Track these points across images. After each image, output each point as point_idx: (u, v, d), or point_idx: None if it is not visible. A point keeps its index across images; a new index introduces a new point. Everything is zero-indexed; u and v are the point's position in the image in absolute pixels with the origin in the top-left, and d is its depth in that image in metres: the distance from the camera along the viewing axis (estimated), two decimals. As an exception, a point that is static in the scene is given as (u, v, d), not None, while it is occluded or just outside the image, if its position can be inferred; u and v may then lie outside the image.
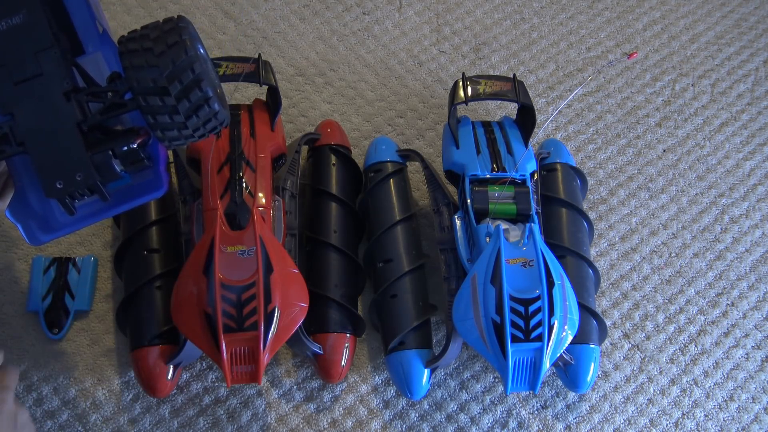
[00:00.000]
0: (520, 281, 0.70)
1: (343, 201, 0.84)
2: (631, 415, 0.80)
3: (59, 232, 0.61)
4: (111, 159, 0.57)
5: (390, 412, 0.79)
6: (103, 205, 0.60)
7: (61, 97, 0.55)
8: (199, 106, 0.54)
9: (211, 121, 0.57)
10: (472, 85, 0.83)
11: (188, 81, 0.53)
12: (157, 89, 0.53)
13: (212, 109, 0.55)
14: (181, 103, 0.54)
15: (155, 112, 0.54)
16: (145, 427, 0.76)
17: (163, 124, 0.55)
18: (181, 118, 0.55)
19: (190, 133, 0.56)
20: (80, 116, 0.55)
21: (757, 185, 0.98)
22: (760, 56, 1.11)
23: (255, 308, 0.67)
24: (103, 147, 0.56)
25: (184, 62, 0.52)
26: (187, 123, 0.55)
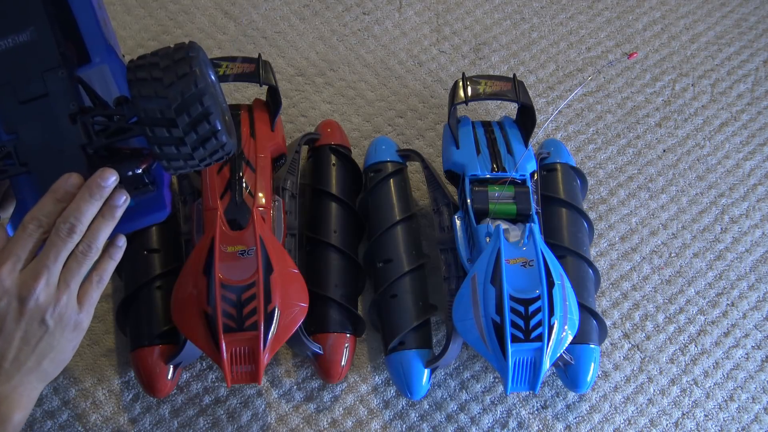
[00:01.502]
0: (520, 281, 0.70)
1: (343, 201, 0.84)
2: (631, 415, 0.80)
3: None
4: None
5: (390, 412, 0.79)
6: None
7: (66, 119, 0.55)
8: (206, 139, 0.54)
9: (218, 153, 0.56)
10: (472, 85, 0.83)
11: (196, 114, 0.52)
12: (165, 121, 0.52)
13: (219, 141, 0.54)
14: (189, 135, 0.53)
15: (162, 143, 0.53)
16: (145, 427, 0.76)
17: (169, 155, 0.54)
18: (187, 150, 0.54)
19: (196, 163, 0.56)
20: (85, 139, 0.55)
21: (757, 185, 0.98)
22: (760, 56, 1.11)
23: (255, 308, 0.67)
24: None
25: (194, 95, 0.51)
26: (194, 154, 0.54)
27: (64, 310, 0.52)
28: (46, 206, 0.52)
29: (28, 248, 0.51)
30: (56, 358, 0.53)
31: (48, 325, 0.51)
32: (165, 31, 1.04)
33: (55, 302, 0.51)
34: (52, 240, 0.51)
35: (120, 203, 0.55)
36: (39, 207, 0.52)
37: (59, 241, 0.51)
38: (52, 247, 0.51)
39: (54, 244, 0.51)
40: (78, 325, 0.53)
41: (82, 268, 0.53)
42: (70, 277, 0.52)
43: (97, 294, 0.55)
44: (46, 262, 0.51)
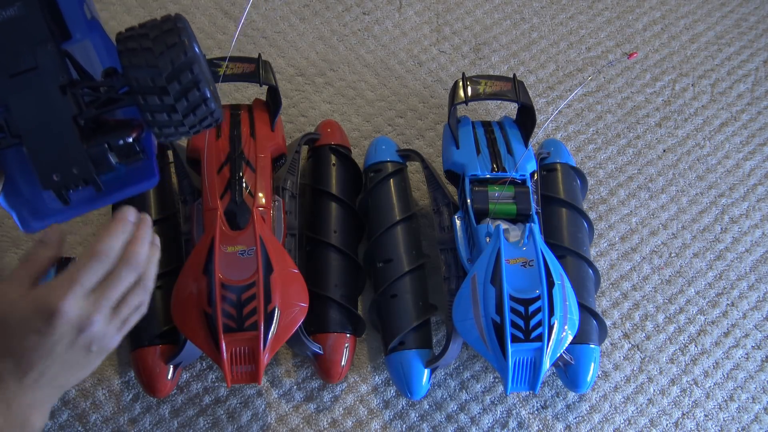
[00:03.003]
0: (520, 281, 0.70)
1: (343, 201, 0.84)
2: (631, 415, 0.80)
3: (51, 219, 0.62)
4: (107, 152, 0.57)
5: (390, 412, 0.79)
6: (96, 194, 0.61)
7: (57, 91, 0.55)
8: (196, 106, 0.55)
9: (207, 119, 0.58)
10: (472, 85, 0.83)
11: (187, 82, 0.54)
12: (156, 89, 0.53)
13: (209, 108, 0.56)
14: (180, 102, 0.54)
15: (153, 110, 0.55)
16: (145, 427, 0.76)
17: (160, 122, 0.56)
18: (178, 117, 0.55)
19: (186, 130, 0.58)
20: (76, 110, 0.56)
21: (757, 185, 0.98)
22: (760, 56, 1.11)
23: (255, 308, 0.67)
24: (100, 140, 0.57)
25: (184, 63, 0.53)
26: (184, 121, 0.56)
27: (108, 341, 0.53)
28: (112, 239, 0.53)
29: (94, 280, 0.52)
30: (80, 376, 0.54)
31: (91, 352, 0.53)
32: (165, 31, 1.04)
33: (104, 335, 0.52)
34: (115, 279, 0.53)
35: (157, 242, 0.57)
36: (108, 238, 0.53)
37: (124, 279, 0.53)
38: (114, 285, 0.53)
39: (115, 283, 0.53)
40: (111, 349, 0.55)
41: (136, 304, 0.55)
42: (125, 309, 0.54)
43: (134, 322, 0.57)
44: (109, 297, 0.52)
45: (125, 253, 0.54)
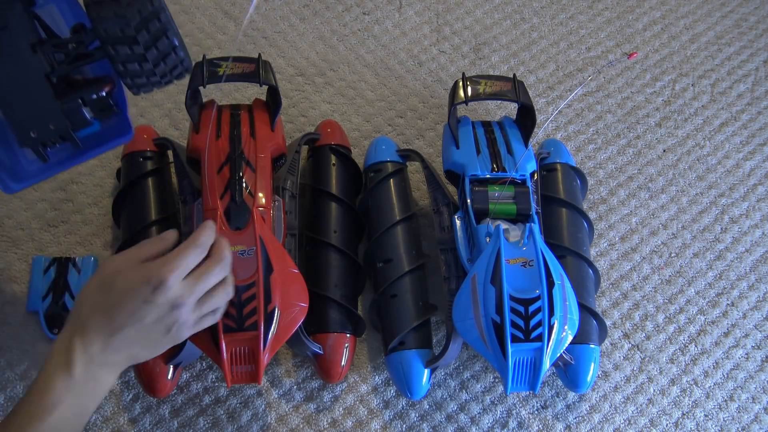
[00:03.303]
0: (520, 281, 0.70)
1: (343, 201, 0.84)
2: (631, 415, 0.80)
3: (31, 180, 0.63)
4: (81, 107, 0.60)
5: (390, 412, 0.79)
6: (73, 152, 0.63)
7: (28, 50, 0.56)
8: (166, 54, 0.57)
9: (177, 68, 0.60)
10: (472, 85, 0.83)
11: (155, 30, 0.55)
12: (126, 39, 0.55)
13: (178, 57, 0.58)
14: (150, 51, 0.56)
15: (125, 60, 0.56)
16: (145, 427, 0.76)
17: (132, 72, 0.58)
18: (149, 66, 0.57)
19: (158, 79, 0.59)
20: (48, 67, 0.57)
21: (757, 185, 0.98)
22: (760, 56, 1.11)
23: (255, 308, 0.67)
24: (74, 96, 0.59)
25: (151, 13, 0.54)
26: (156, 70, 0.58)
27: (185, 330, 0.59)
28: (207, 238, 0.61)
29: (192, 264, 0.59)
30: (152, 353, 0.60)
31: (170, 332, 0.58)
32: (165, 31, 1.04)
33: (185, 321, 0.58)
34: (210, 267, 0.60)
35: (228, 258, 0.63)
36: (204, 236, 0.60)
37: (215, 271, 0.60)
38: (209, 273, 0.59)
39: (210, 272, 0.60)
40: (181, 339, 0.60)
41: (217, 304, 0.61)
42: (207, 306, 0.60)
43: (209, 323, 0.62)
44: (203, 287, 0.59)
45: (216, 252, 0.60)
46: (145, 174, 0.83)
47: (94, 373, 0.56)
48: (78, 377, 0.55)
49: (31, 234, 0.87)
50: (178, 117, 0.97)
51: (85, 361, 0.55)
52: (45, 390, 0.54)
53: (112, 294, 0.56)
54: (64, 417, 0.55)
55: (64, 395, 0.54)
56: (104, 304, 0.56)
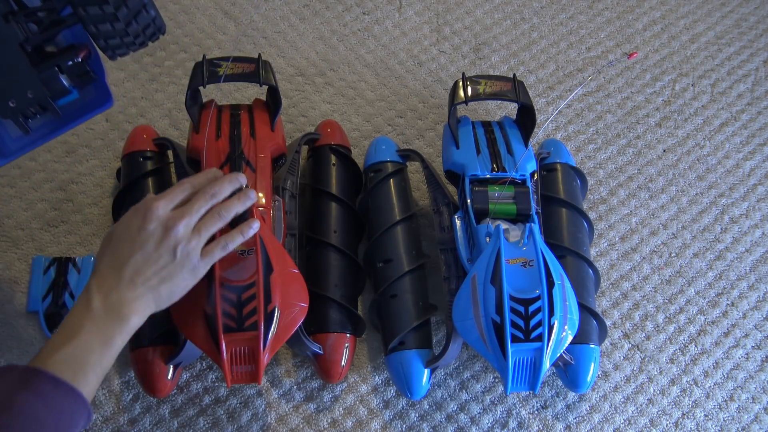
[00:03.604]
0: (520, 281, 0.70)
1: (343, 201, 0.84)
2: (631, 415, 0.80)
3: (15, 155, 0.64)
4: (58, 74, 0.60)
5: (390, 412, 0.79)
6: (55, 123, 0.63)
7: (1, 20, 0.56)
8: (137, 12, 0.57)
9: (150, 27, 0.60)
10: (472, 85, 0.83)
11: None
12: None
13: (149, 14, 0.58)
14: (120, 10, 0.56)
15: (96, 21, 0.57)
16: (145, 427, 0.76)
17: (105, 33, 0.58)
18: (121, 25, 0.57)
19: (132, 40, 0.60)
20: (22, 36, 0.57)
21: (757, 185, 0.98)
22: (760, 56, 1.11)
23: (255, 308, 0.67)
24: (50, 63, 0.59)
25: None
26: (128, 30, 0.58)
27: (191, 250, 0.62)
28: (199, 178, 0.66)
29: (180, 197, 0.64)
30: (171, 288, 0.62)
31: (176, 257, 0.61)
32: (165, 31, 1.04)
33: (188, 241, 0.62)
34: (197, 197, 0.65)
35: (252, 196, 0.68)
36: (195, 177, 0.66)
37: (202, 199, 0.64)
38: (196, 201, 0.64)
39: (198, 200, 0.64)
40: (195, 269, 0.63)
41: (213, 225, 0.64)
42: (204, 227, 0.64)
43: (218, 256, 0.65)
44: (191, 209, 0.63)
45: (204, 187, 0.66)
46: (145, 174, 0.83)
47: (113, 307, 0.59)
48: (97, 309, 0.59)
49: (31, 234, 0.87)
50: (178, 117, 0.97)
51: (101, 296, 0.59)
52: (69, 323, 0.58)
53: (114, 238, 0.62)
54: (89, 344, 0.57)
55: (86, 324, 0.58)
56: (110, 247, 0.62)
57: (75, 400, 0.55)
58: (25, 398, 0.53)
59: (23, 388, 0.53)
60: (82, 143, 0.94)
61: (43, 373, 0.55)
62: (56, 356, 0.56)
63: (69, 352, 0.56)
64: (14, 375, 0.55)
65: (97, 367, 0.57)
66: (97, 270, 0.61)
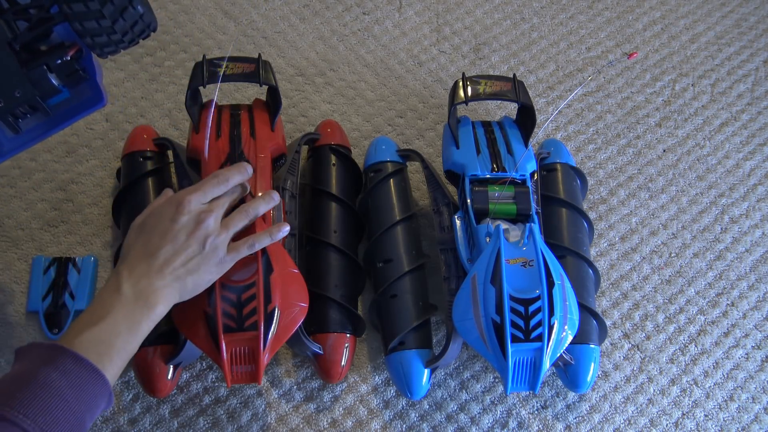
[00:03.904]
0: (520, 281, 0.70)
1: (343, 201, 0.84)
2: (631, 415, 0.80)
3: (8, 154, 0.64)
4: (47, 74, 0.59)
5: (390, 412, 0.79)
6: (47, 122, 0.63)
7: None
8: (123, 9, 0.56)
9: (138, 23, 0.59)
10: (472, 85, 0.83)
11: None
12: None
13: (137, 11, 0.57)
14: (106, 6, 0.55)
15: (82, 18, 0.56)
16: (145, 427, 0.76)
17: (91, 30, 0.57)
18: (107, 23, 0.56)
19: (119, 37, 0.59)
20: (10, 34, 0.57)
21: (757, 185, 0.98)
22: (760, 56, 1.11)
23: (255, 308, 0.67)
24: (38, 62, 0.58)
25: None
26: (115, 27, 0.57)
27: (219, 243, 0.64)
28: (233, 172, 0.68)
29: (213, 192, 0.67)
30: (197, 280, 0.64)
31: (205, 249, 0.64)
32: (165, 31, 1.04)
33: (216, 235, 0.64)
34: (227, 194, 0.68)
35: (275, 197, 0.71)
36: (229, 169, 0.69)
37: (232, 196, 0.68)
38: (226, 197, 0.67)
39: (227, 196, 0.68)
40: (221, 263, 0.65)
41: (241, 222, 0.67)
42: (232, 223, 0.66)
43: (244, 254, 0.67)
44: (220, 204, 0.66)
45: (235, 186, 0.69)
46: (145, 174, 0.83)
47: (142, 293, 0.61)
48: (127, 295, 0.60)
49: (31, 234, 0.87)
50: (178, 117, 0.97)
51: (131, 282, 0.61)
52: (98, 305, 0.60)
53: (146, 226, 0.64)
54: (116, 327, 0.58)
55: (115, 307, 0.59)
56: (142, 236, 0.64)
57: (98, 380, 0.56)
58: (47, 373, 0.53)
59: (47, 364, 0.54)
60: (82, 143, 0.94)
61: (68, 351, 0.55)
62: (82, 337, 0.57)
63: (96, 334, 0.57)
64: (39, 351, 0.55)
65: (122, 351, 0.58)
66: (126, 256, 0.63)
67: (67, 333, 0.58)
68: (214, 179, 0.67)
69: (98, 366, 0.56)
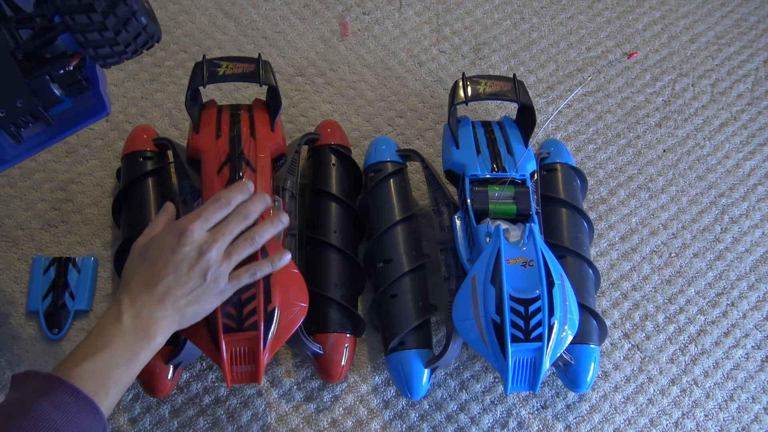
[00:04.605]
0: (520, 281, 0.70)
1: (343, 201, 0.84)
2: (631, 415, 0.80)
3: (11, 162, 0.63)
4: (49, 83, 0.58)
5: (390, 412, 0.79)
6: (50, 131, 0.62)
7: None
8: (127, 20, 0.55)
9: (141, 35, 0.58)
10: (472, 85, 0.83)
11: None
12: (83, 7, 0.53)
13: (140, 23, 0.56)
14: (108, 18, 0.54)
15: (84, 29, 0.55)
16: (145, 427, 0.76)
17: (93, 42, 0.56)
18: (110, 34, 0.55)
19: (122, 49, 0.57)
20: (12, 44, 0.56)
21: (757, 185, 0.98)
22: (760, 56, 1.11)
23: (255, 308, 0.67)
24: (40, 72, 0.57)
25: None
26: (117, 38, 0.56)
27: (220, 274, 0.63)
28: (234, 193, 0.67)
29: (216, 217, 0.65)
30: (197, 310, 0.63)
31: (206, 280, 0.63)
32: (165, 31, 1.04)
33: (218, 265, 0.63)
34: (231, 219, 0.66)
35: (284, 220, 0.69)
36: (230, 190, 0.67)
37: (236, 221, 0.66)
38: (229, 224, 0.65)
39: (231, 221, 0.65)
40: (222, 293, 0.64)
41: (245, 251, 0.66)
42: (235, 252, 0.65)
43: (245, 282, 0.66)
44: (224, 232, 0.64)
45: (238, 207, 0.67)
46: (145, 174, 0.83)
47: (143, 323, 0.60)
48: (127, 325, 0.60)
49: (31, 234, 0.87)
50: (178, 117, 0.97)
51: (132, 313, 0.60)
52: (98, 334, 0.60)
53: (148, 255, 0.64)
54: (115, 359, 0.58)
55: (115, 339, 0.59)
56: (144, 265, 0.63)
57: (93, 413, 0.55)
58: (43, 406, 0.53)
59: (43, 396, 0.54)
60: (82, 143, 0.94)
61: (65, 383, 0.55)
62: (81, 367, 0.57)
63: (94, 365, 0.57)
64: (35, 382, 0.55)
65: (119, 382, 0.58)
66: (128, 285, 0.63)
67: (66, 361, 0.58)
68: (215, 203, 0.65)
69: (94, 398, 0.56)
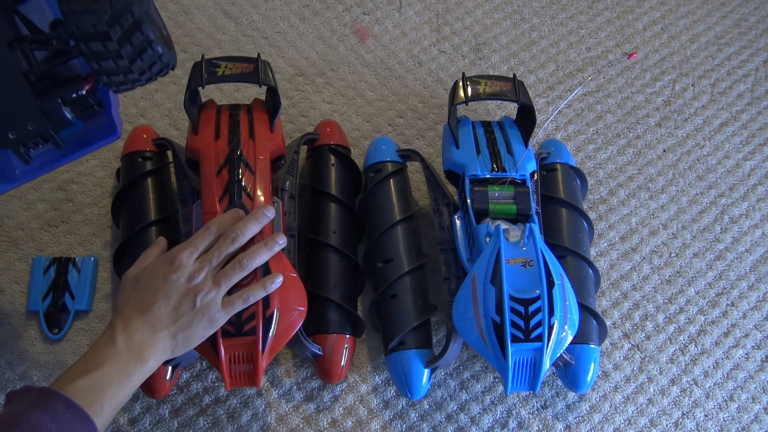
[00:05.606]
0: (520, 281, 0.70)
1: (343, 201, 0.84)
2: (631, 415, 0.80)
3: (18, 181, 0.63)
4: (61, 107, 0.57)
5: (390, 412, 0.79)
6: (59, 152, 0.62)
7: (5, 47, 0.54)
8: (142, 50, 0.54)
9: (156, 64, 0.57)
10: (472, 85, 0.83)
11: (129, 24, 0.52)
12: (98, 34, 0.52)
13: (156, 52, 0.55)
14: (124, 47, 0.53)
15: (99, 57, 0.54)
16: (145, 427, 0.76)
17: (107, 69, 0.55)
18: (125, 63, 0.54)
19: (137, 77, 0.57)
20: (26, 65, 0.55)
21: (757, 185, 0.98)
22: (760, 56, 1.11)
23: (254, 313, 0.67)
24: (52, 95, 0.57)
25: (124, 5, 0.51)
26: (132, 67, 0.55)
27: (209, 300, 0.64)
28: (225, 219, 0.68)
29: (205, 244, 0.67)
30: (188, 336, 0.64)
31: (195, 306, 0.64)
32: (165, 31, 1.04)
33: (207, 291, 0.64)
34: (219, 244, 0.67)
35: (280, 241, 0.69)
36: (220, 218, 0.68)
37: (224, 245, 0.67)
38: (218, 249, 0.66)
39: (219, 246, 0.66)
40: (213, 320, 0.65)
41: (234, 276, 0.66)
42: (224, 279, 0.65)
43: (239, 308, 0.66)
44: (211, 258, 0.66)
45: (227, 230, 0.67)
46: (144, 174, 0.83)
47: (136, 346, 0.62)
48: (121, 347, 0.61)
49: (31, 234, 0.87)
50: (178, 117, 0.97)
51: (126, 336, 0.62)
52: (92, 355, 0.61)
53: (140, 283, 0.65)
54: (109, 377, 0.59)
55: (109, 359, 0.60)
56: (136, 293, 0.65)
57: (87, 426, 0.56)
58: (38, 416, 0.54)
59: (38, 407, 0.55)
60: (82, 143, 0.94)
61: (60, 395, 0.56)
62: (75, 383, 0.58)
63: (88, 381, 0.58)
64: (31, 395, 0.56)
65: (113, 400, 0.59)
66: (121, 311, 0.64)
67: (60, 379, 0.59)
68: (206, 231, 0.67)
69: (89, 412, 0.56)
